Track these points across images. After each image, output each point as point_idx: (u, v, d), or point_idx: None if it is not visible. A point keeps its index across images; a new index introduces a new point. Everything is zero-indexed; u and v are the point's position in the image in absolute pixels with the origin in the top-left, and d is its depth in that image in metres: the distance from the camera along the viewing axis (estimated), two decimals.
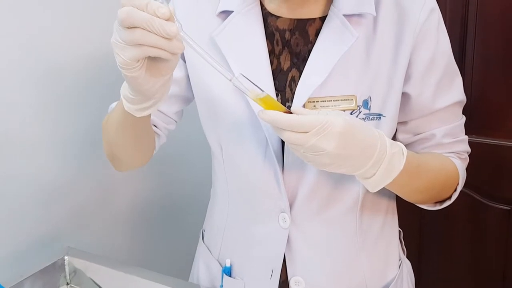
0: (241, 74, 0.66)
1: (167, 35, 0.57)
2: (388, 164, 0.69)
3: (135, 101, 0.68)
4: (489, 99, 1.34)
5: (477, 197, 1.39)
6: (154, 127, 0.89)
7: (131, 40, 0.58)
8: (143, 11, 0.57)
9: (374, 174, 0.69)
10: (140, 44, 0.58)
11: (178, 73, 0.86)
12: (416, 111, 0.82)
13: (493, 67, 1.35)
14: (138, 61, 0.60)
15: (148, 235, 1.33)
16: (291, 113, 0.67)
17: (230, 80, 0.65)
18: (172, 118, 0.91)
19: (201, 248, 0.99)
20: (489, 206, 1.41)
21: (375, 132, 0.68)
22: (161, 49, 0.58)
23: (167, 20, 0.57)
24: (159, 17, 0.57)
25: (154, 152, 0.92)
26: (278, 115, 0.64)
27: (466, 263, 1.52)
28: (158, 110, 0.88)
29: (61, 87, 1.06)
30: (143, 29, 0.57)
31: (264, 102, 0.67)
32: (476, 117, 0.85)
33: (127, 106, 0.70)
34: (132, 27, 0.57)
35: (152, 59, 0.62)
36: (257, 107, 0.74)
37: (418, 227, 1.50)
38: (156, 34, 0.57)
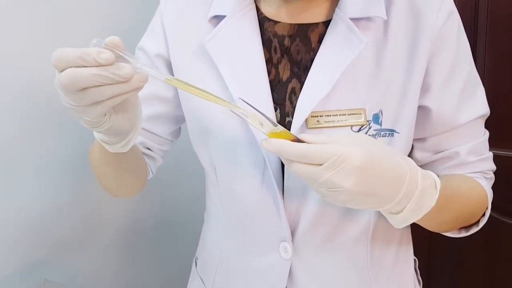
0: (240, 98, 0.60)
1: (124, 78, 0.51)
2: (418, 200, 0.61)
3: (115, 141, 0.64)
4: (502, 108, 1.30)
5: (491, 213, 1.33)
6: (148, 150, 0.84)
7: (87, 101, 0.52)
8: (84, 65, 0.50)
9: (402, 211, 0.61)
10: (99, 101, 0.52)
11: (167, 93, 0.81)
12: (437, 126, 0.74)
13: (504, 75, 1.32)
14: (105, 114, 0.55)
15: (136, 265, 1.27)
16: (301, 141, 0.59)
17: (233, 111, 0.60)
18: (166, 139, 0.86)
19: (194, 279, 0.92)
20: (505, 223, 1.36)
21: (404, 162, 0.61)
22: (124, 93, 0.52)
23: (113, 63, 0.50)
24: (104, 65, 0.50)
25: (151, 175, 0.87)
26: (284, 144, 0.58)
27: (480, 285, 1.44)
28: (151, 132, 0.83)
29: (43, 111, 1.01)
30: (95, 86, 0.50)
31: (276, 134, 0.60)
32: (487, 127, 0.78)
33: (109, 147, 0.65)
34: (81, 89, 0.51)
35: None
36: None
37: (427, 249, 1.44)
38: (113, 84, 0.51)
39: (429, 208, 0.62)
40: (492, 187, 0.79)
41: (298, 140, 0.59)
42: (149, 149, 0.84)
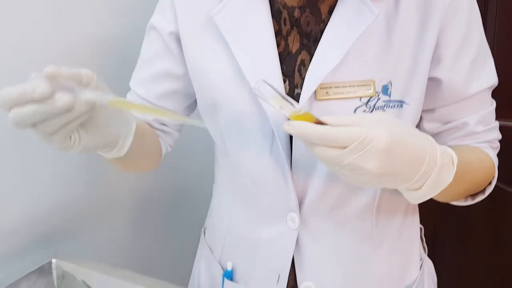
0: (262, 80, 0.58)
1: (65, 109, 0.50)
2: (437, 177, 0.61)
3: (107, 150, 0.63)
4: (508, 80, 1.28)
5: (496, 183, 1.33)
6: (163, 126, 0.85)
7: (44, 134, 0.52)
8: (25, 103, 0.49)
9: (420, 188, 0.61)
10: (53, 131, 0.52)
11: (178, 69, 0.80)
12: (448, 97, 0.74)
13: None
14: (70, 138, 0.55)
15: (147, 234, 1.27)
16: (323, 123, 0.58)
17: (255, 93, 0.59)
18: (183, 113, 0.86)
19: (202, 248, 0.93)
20: (509, 193, 1.35)
21: (424, 140, 0.61)
22: (71, 121, 0.52)
23: (50, 96, 0.49)
24: (43, 99, 0.49)
25: (169, 150, 0.88)
26: (307, 126, 0.57)
27: (485, 255, 1.46)
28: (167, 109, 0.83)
29: None
30: (41, 121, 0.50)
31: (298, 116, 0.58)
32: (495, 98, 0.78)
33: (104, 155, 0.65)
34: (32, 125, 0.51)
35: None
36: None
37: (433, 219, 1.45)
38: (56, 116, 0.50)
39: (447, 184, 0.62)
40: (498, 157, 0.79)
41: (320, 122, 0.58)
42: (164, 125, 0.85)
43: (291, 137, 0.71)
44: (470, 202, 0.77)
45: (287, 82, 0.71)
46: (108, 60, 1.05)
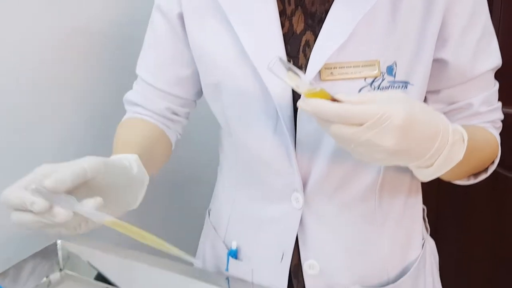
0: (278, 57, 0.58)
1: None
2: (448, 155, 0.61)
3: None
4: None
5: (497, 169, 1.34)
6: (174, 116, 0.86)
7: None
8: (25, 211, 0.53)
9: (432, 165, 0.62)
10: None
11: (184, 53, 0.80)
12: (453, 78, 0.74)
13: None
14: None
15: (152, 216, 1.26)
16: (338, 101, 0.57)
17: (270, 70, 0.58)
18: (191, 100, 0.87)
19: (207, 228, 0.94)
20: (509, 178, 1.36)
21: (437, 117, 0.61)
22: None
23: (46, 211, 0.52)
24: (41, 212, 0.52)
25: (179, 137, 0.89)
26: (323, 104, 0.56)
27: (486, 234, 1.48)
28: (177, 96, 0.84)
29: (59, 80, 0.99)
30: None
31: (314, 94, 0.57)
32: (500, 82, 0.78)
33: None
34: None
35: None
36: (266, 76, 0.66)
37: (435, 201, 1.45)
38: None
39: (457, 161, 0.63)
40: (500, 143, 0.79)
41: (335, 100, 0.57)
42: (175, 114, 0.85)
43: (295, 117, 0.71)
44: (472, 181, 0.78)
45: (291, 63, 0.71)
46: (107, 50, 1.04)
